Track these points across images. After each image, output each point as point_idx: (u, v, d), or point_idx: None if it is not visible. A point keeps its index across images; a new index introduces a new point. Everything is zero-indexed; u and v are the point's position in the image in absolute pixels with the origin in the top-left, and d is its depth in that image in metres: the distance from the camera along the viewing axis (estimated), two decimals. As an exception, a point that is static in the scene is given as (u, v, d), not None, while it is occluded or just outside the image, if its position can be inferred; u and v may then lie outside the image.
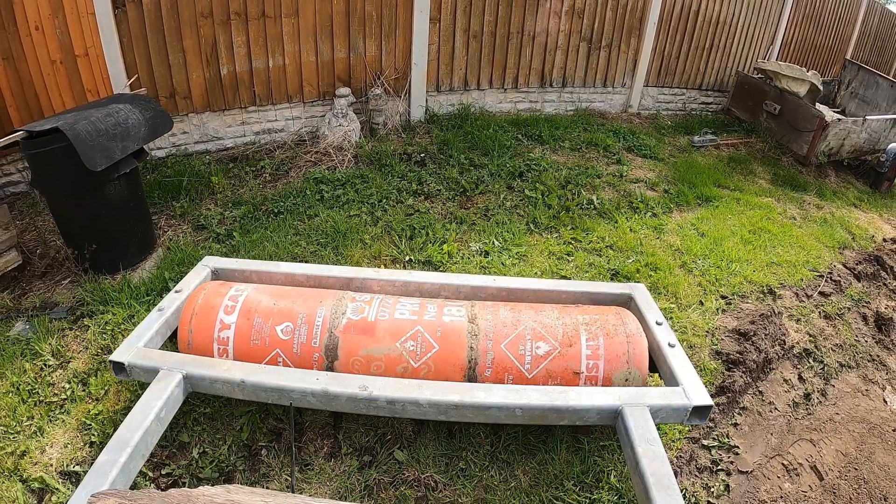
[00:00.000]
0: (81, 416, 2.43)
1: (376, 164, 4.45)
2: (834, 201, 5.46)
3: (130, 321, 2.87)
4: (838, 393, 3.12)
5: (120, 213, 3.18)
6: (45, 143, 2.80)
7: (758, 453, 2.62)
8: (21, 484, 2.15)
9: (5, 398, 2.44)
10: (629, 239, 3.83)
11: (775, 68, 5.89)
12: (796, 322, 3.44)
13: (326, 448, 2.37)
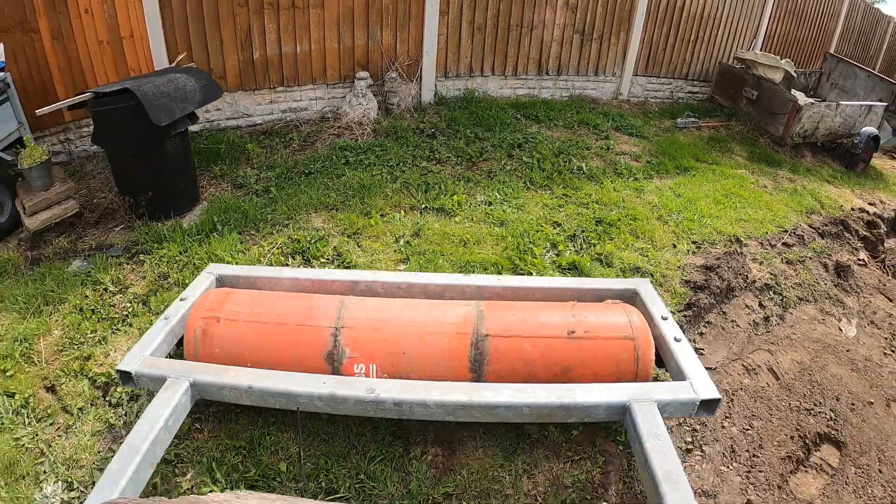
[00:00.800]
0: (143, 325, 2.89)
1: (392, 136, 4.95)
2: (807, 176, 5.90)
3: (184, 255, 3.34)
4: (796, 319, 3.55)
5: (174, 167, 3.67)
6: (111, 103, 3.30)
7: (720, 356, 3.06)
8: (88, 381, 2.57)
9: (69, 317, 2.87)
10: (613, 196, 4.29)
11: (752, 57, 6.37)
12: (759, 264, 3.88)
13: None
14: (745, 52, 6.65)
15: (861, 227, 5.25)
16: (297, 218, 3.67)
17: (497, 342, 2.16)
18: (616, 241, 3.74)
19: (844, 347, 3.43)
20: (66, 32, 4.00)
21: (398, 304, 2.38)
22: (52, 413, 2.43)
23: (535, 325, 2.21)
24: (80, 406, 2.45)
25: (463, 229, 3.72)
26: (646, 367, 2.15)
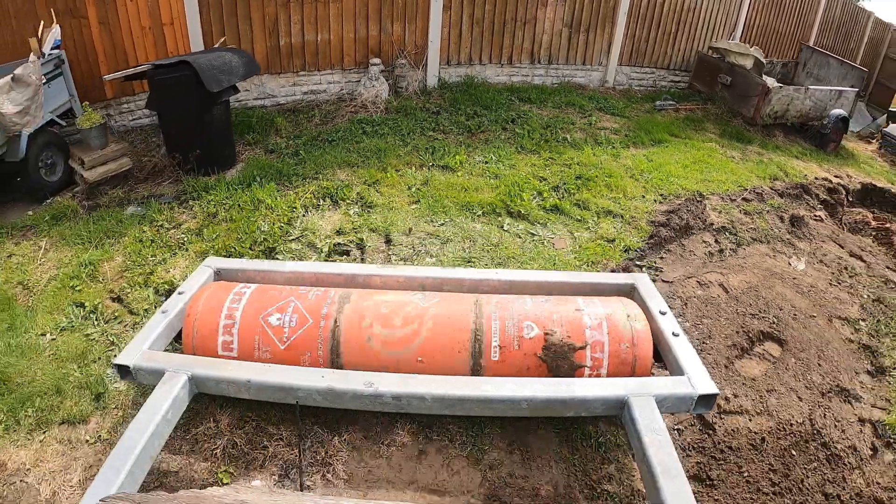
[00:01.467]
0: (199, 249, 3.48)
1: (402, 113, 5.58)
2: (776, 152, 6.47)
3: (229, 199, 3.96)
4: (748, 253, 4.12)
5: (218, 130, 4.32)
6: (169, 72, 3.95)
7: (678, 274, 3.62)
8: (151, 289, 3.15)
9: (130, 246, 3.46)
10: (592, 160, 4.89)
11: (725, 46, 6.98)
12: (717, 212, 4.46)
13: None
14: (719, 42, 7.28)
15: (822, 192, 5.81)
16: (324, 173, 4.30)
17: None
18: (592, 191, 4.34)
19: (791, 276, 3.99)
20: (111, 19, 4.60)
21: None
22: (118, 315, 2.98)
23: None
24: (146, 308, 3.03)
25: (464, 180, 4.33)
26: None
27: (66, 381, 2.54)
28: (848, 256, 4.55)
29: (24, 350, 2.71)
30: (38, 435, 2.32)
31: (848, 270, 4.28)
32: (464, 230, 3.75)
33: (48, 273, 3.31)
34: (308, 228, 3.62)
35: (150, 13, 4.80)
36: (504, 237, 3.72)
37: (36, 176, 4.00)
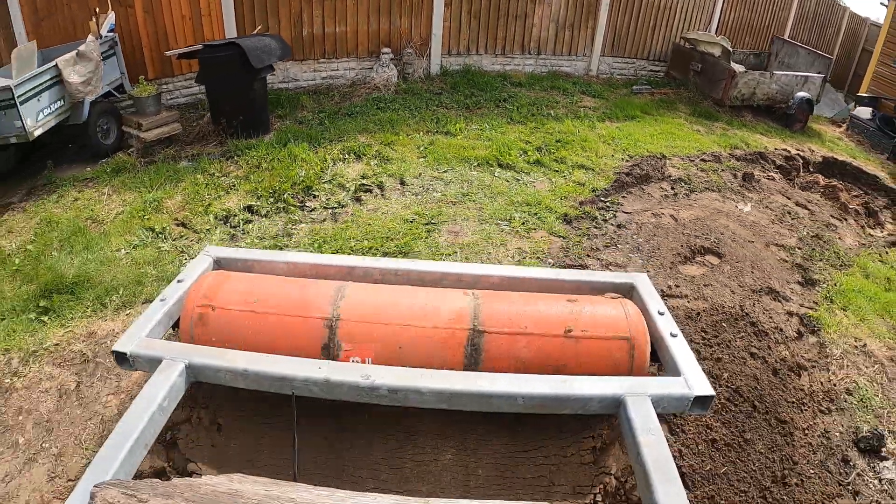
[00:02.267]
0: (248, 188, 4.29)
1: (410, 93, 6.42)
2: (741, 129, 7.27)
3: (269, 155, 4.76)
4: (700, 197, 4.89)
5: (257, 101, 5.15)
6: (218, 52, 4.81)
7: (636, 208, 4.41)
8: (211, 216, 3.93)
9: (188, 188, 4.24)
10: (571, 129, 5.70)
11: (696, 36, 7.83)
12: (676, 168, 5.25)
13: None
14: (690, 32, 8.13)
15: (779, 159, 6.59)
16: (346, 137, 5.13)
17: (493, 337, 2.14)
18: (569, 151, 5.16)
19: (737, 215, 4.78)
20: (155, 8, 5.43)
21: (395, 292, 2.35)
22: (184, 235, 3.76)
23: (532, 320, 2.19)
24: (208, 228, 3.84)
25: (462, 142, 5.16)
26: (641, 361, 2.15)
27: (144, 276, 3.28)
28: (794, 206, 5.33)
29: (102, 261, 3.43)
30: (122, 312, 3.03)
31: (791, 215, 5.05)
32: (463, 176, 4.58)
33: (115, 210, 4.10)
34: (337, 174, 4.45)
35: (191, 4, 5.66)
36: (495, 181, 4.54)
37: (94, 139, 4.81)
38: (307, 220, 3.88)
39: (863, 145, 8.49)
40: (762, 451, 2.55)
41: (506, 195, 4.31)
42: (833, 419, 2.84)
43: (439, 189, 4.33)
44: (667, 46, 8.69)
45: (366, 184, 4.34)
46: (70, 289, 3.17)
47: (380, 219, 3.91)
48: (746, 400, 2.74)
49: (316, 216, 3.94)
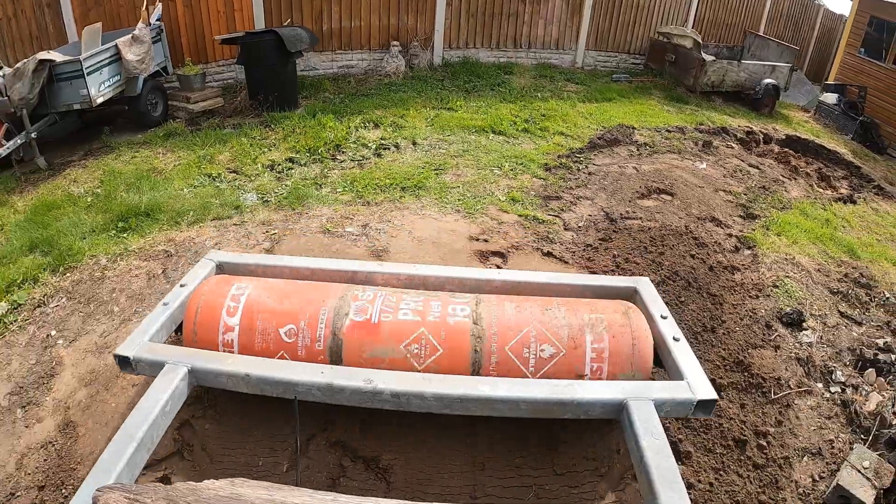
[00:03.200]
0: (287, 146, 5.28)
1: (417, 80, 7.36)
2: (710, 110, 8.19)
3: (301, 123, 5.66)
4: (661, 157, 5.79)
5: (289, 81, 6.11)
6: (258, 38, 5.80)
7: (605, 163, 5.34)
8: (259, 165, 4.83)
9: (234, 147, 5.13)
10: (554, 107, 6.64)
11: (669, 30, 8.82)
12: (643, 136, 6.18)
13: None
14: (663, 27, 9.14)
15: (741, 133, 7.51)
16: (365, 111, 6.08)
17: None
18: (551, 122, 6.10)
19: (692, 169, 5.69)
20: (194, 3, 6.40)
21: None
22: (237, 179, 4.63)
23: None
24: (256, 173, 4.76)
25: (462, 115, 6.10)
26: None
27: (209, 204, 4.13)
28: (747, 166, 6.24)
29: (169, 196, 4.25)
30: (195, 227, 3.84)
31: (742, 172, 5.97)
32: (463, 139, 5.52)
33: (172, 163, 4.97)
34: (360, 137, 5.40)
35: (225, 1, 6.69)
36: (489, 142, 5.49)
37: (145, 110, 5.74)
38: (338, 167, 4.82)
39: (829, 127, 9.38)
40: (694, 310, 3.38)
41: (498, 152, 5.25)
42: (760, 302, 3.63)
43: (444, 148, 5.28)
44: (646, 41, 9.69)
45: (384, 143, 5.29)
46: (144, 214, 3.99)
47: (398, 166, 4.84)
48: (683, 279, 3.61)
49: (345, 165, 4.88)
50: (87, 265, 3.48)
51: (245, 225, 3.83)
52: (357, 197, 4.27)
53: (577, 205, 4.44)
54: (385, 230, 3.76)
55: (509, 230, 3.92)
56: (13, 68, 4.91)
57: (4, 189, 4.74)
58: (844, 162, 7.77)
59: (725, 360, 2.99)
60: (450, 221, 3.97)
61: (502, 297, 2.39)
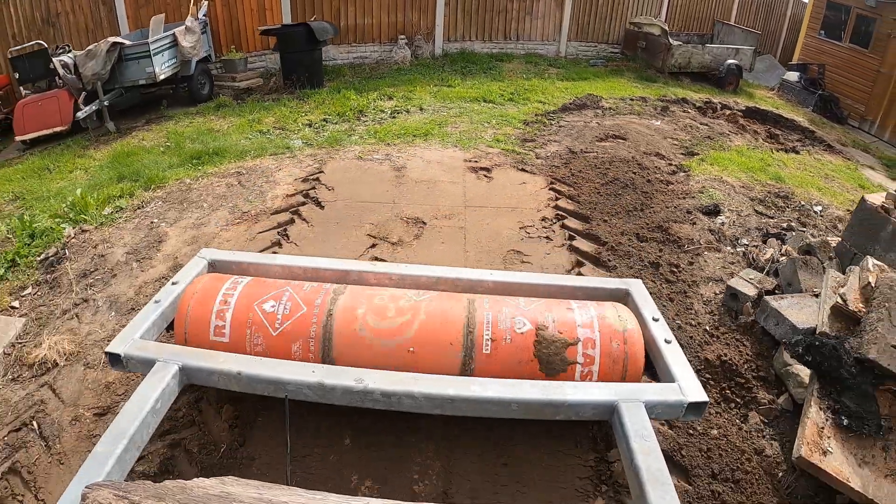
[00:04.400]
0: (320, 112, 6.52)
1: (421, 66, 8.67)
2: (676, 88, 9.35)
3: (329, 96, 6.99)
4: (622, 117, 6.96)
5: (316, 64, 7.41)
6: (292, 29, 7.14)
7: (573, 119, 6.51)
8: (299, 123, 6.13)
9: (276, 114, 6.41)
10: (536, 85, 7.88)
11: (639, 20, 10.05)
12: (608, 103, 7.36)
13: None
14: (634, 18, 10.40)
15: (699, 103, 8.66)
16: (380, 88, 7.36)
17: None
18: (532, 94, 7.34)
19: (646, 125, 6.85)
20: (231, 2, 7.81)
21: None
22: (283, 133, 5.90)
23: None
24: (298, 129, 6.03)
25: (459, 90, 7.37)
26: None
27: (265, 147, 5.40)
28: (698, 124, 7.37)
29: (231, 144, 5.50)
30: (257, 159, 5.05)
31: (692, 128, 7.11)
32: (459, 105, 6.76)
33: (226, 125, 6.26)
34: (378, 106, 6.69)
35: (258, 1, 8.07)
36: (481, 108, 6.73)
37: (196, 88, 7.08)
38: (362, 125, 6.07)
39: (790, 102, 10.47)
40: (629, 199, 4.48)
41: (487, 113, 6.49)
42: (686, 201, 4.73)
43: (444, 111, 6.53)
44: (622, 32, 10.93)
45: (397, 109, 6.55)
46: (213, 154, 5.23)
47: (409, 123, 6.09)
48: (623, 183, 4.75)
49: (368, 124, 6.14)
50: (174, 184, 4.71)
51: (296, 157, 5.07)
52: (379, 140, 5.51)
53: (547, 145, 5.63)
54: (402, 157, 5.00)
55: (494, 157, 5.12)
56: (85, 50, 6.26)
57: (81, 147, 6.04)
58: (800, 128, 8.81)
59: (649, 226, 4.10)
60: (450, 152, 5.18)
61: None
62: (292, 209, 4.01)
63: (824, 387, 2.51)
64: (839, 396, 2.46)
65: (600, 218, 4.10)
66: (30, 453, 2.40)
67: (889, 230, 3.37)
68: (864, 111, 10.98)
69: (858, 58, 11.09)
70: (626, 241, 3.82)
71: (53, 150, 6.12)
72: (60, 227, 4.07)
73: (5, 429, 2.54)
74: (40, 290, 3.51)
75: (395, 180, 4.54)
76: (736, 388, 2.80)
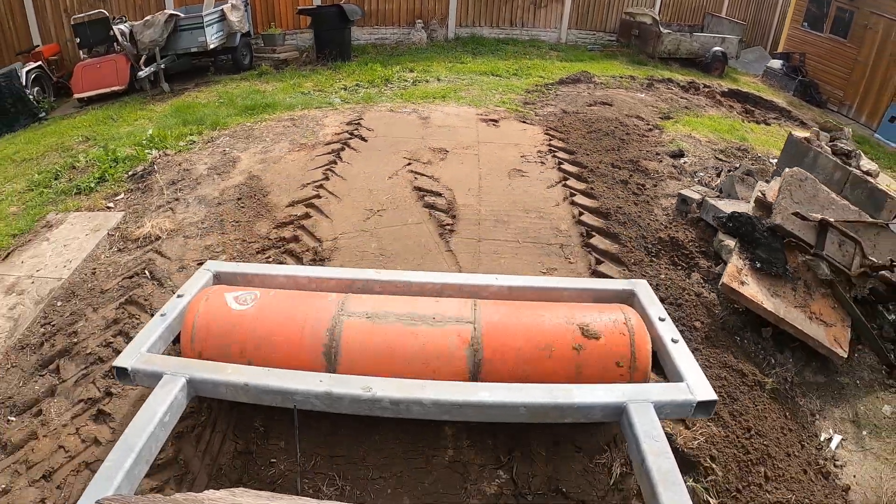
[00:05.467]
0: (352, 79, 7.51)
1: (436, 47, 9.71)
2: (665, 71, 10.28)
3: (358, 68, 7.99)
4: (611, 90, 7.90)
5: (346, 41, 8.45)
6: (325, 9, 8.15)
7: (568, 90, 7.48)
8: (334, 87, 7.16)
9: (314, 79, 7.49)
10: (538, 63, 8.91)
11: (633, 10, 11.01)
12: (600, 79, 8.31)
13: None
14: (628, 8, 11.35)
15: (684, 83, 9.58)
16: (402, 63, 8.38)
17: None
18: (534, 70, 8.35)
19: (632, 96, 7.78)
20: None
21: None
22: (322, 94, 6.94)
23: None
24: (335, 91, 7.03)
25: (471, 66, 8.40)
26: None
27: (310, 102, 6.43)
28: (679, 98, 8.32)
29: (277, 100, 6.54)
30: (305, 110, 6.10)
31: (673, 100, 8.05)
32: (471, 77, 7.76)
33: (270, 88, 7.28)
34: (401, 76, 7.71)
35: None
36: (489, 80, 7.75)
37: (239, 58, 8.14)
38: (389, 90, 7.09)
39: (773, 87, 11.34)
40: (607, 144, 5.49)
41: (495, 84, 7.50)
42: (656, 148, 5.73)
43: (458, 82, 7.54)
44: (618, 21, 11.88)
45: (418, 79, 7.57)
46: (265, 107, 6.27)
47: (429, 89, 7.11)
48: (605, 133, 5.73)
49: (394, 89, 7.17)
50: (236, 126, 5.72)
51: (337, 109, 6.13)
52: (406, 100, 6.54)
53: (544, 107, 6.63)
54: (426, 111, 6.04)
55: (500, 113, 6.13)
56: (143, 20, 7.26)
57: (140, 103, 7.08)
58: (778, 108, 9.69)
59: (623, 160, 5.08)
60: (464, 109, 6.19)
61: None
62: (341, 141, 4.99)
63: (743, 245, 3.45)
64: (754, 251, 3.38)
65: (584, 153, 5.08)
66: (144, 290, 3.24)
67: (811, 156, 4.31)
68: (842, 96, 11.85)
69: (838, 47, 11.95)
70: (604, 167, 4.80)
71: (112, 105, 7.09)
72: (145, 152, 5.03)
73: (119, 277, 3.47)
74: (133, 195, 4.49)
75: (421, 125, 5.51)
76: (682, 258, 3.75)
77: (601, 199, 4.25)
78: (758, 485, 2.42)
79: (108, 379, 2.67)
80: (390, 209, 3.93)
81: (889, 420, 3.02)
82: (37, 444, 2.41)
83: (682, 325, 3.17)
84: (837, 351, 3.08)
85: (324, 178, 4.32)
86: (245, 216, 3.92)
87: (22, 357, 2.95)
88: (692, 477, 2.34)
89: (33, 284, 3.53)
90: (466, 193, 4.20)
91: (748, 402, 2.78)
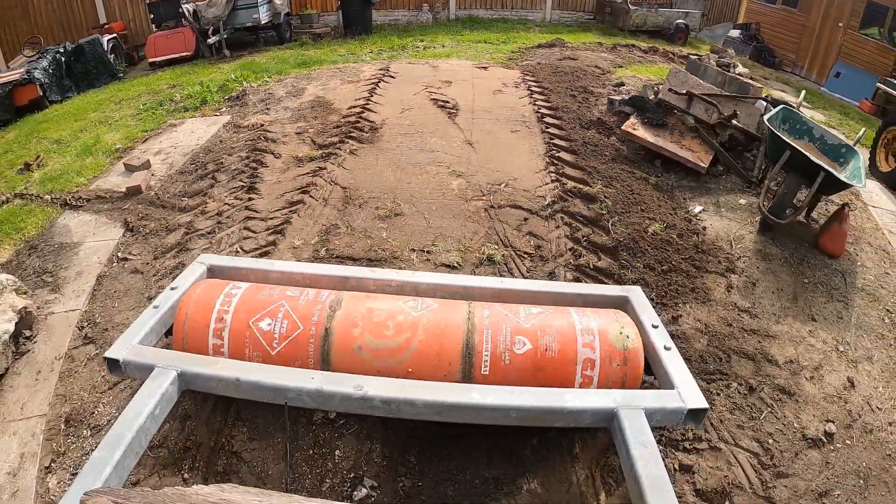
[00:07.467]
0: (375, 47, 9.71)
1: (440, 26, 11.92)
2: (621, 39, 12.26)
3: (379, 40, 10.15)
4: (580, 52, 9.95)
5: (368, 19, 10.71)
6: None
7: (543, 52, 9.53)
8: (362, 54, 9.33)
9: (345, 48, 9.71)
10: (522, 34, 11.10)
11: (605, -9, 13.09)
12: (571, 45, 10.37)
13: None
14: (602, -11, 13.44)
15: (646, 48, 11.57)
16: (414, 37, 10.60)
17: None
18: (518, 40, 10.53)
19: (596, 55, 9.80)
20: None
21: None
22: (353, 55, 9.12)
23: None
24: (365, 54, 9.23)
25: (468, 37, 10.60)
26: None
27: (349, 59, 8.60)
28: (637, 57, 10.32)
29: (323, 59, 8.73)
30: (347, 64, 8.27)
31: (632, 59, 10.06)
32: (469, 44, 9.95)
33: (312, 53, 9.43)
34: (414, 45, 9.92)
35: None
36: (483, 46, 9.96)
37: (282, 33, 10.39)
38: (405, 53, 9.25)
39: (730, 55, 13.32)
40: (568, 79, 7.60)
41: (487, 48, 9.73)
42: (604, 81, 7.75)
43: (459, 47, 9.80)
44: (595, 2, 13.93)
45: (427, 46, 9.81)
46: (314, 62, 8.42)
47: (437, 51, 9.35)
48: (567, 73, 7.83)
49: (410, 52, 9.40)
50: (296, 74, 7.85)
51: (369, 64, 8.47)
52: (420, 58, 8.79)
53: (524, 62, 8.84)
54: (435, 63, 8.32)
55: (490, 63, 8.33)
56: (206, 0, 9.36)
57: (206, 65, 9.20)
58: (729, 69, 11.61)
59: (576, 87, 7.14)
60: (463, 62, 8.48)
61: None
62: (377, 78, 7.21)
63: (637, 112, 5.47)
64: (644, 114, 5.40)
65: (548, 83, 7.32)
66: (262, 143, 5.45)
67: (702, 69, 6.32)
68: (794, 58, 13.80)
69: (789, 16, 13.91)
70: (561, 89, 7.00)
71: (183, 67, 9.22)
72: (234, 84, 7.17)
73: (242, 141, 5.60)
74: (233, 108, 6.63)
75: (433, 71, 7.69)
76: (603, 129, 5.78)
77: (554, 103, 6.34)
78: (637, 213, 4.41)
79: (250, 178, 4.73)
80: (416, 108, 6.08)
81: (742, 206, 4.94)
82: (206, 206, 4.46)
83: (600, 157, 5.20)
84: (700, 164, 5.07)
85: (369, 95, 6.51)
86: (320, 114, 6.04)
87: (184, 176, 5.03)
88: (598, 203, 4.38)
89: (176, 149, 5.63)
90: (465, 101, 6.35)
91: (634, 184, 4.78)
